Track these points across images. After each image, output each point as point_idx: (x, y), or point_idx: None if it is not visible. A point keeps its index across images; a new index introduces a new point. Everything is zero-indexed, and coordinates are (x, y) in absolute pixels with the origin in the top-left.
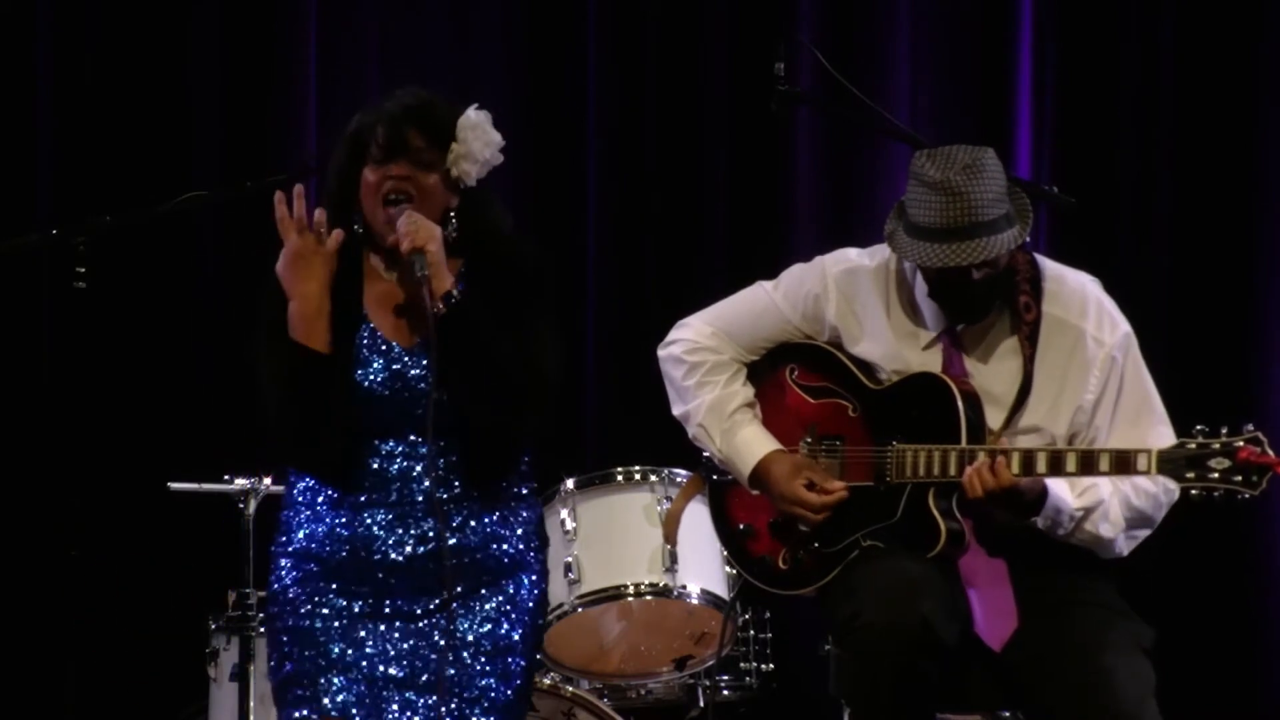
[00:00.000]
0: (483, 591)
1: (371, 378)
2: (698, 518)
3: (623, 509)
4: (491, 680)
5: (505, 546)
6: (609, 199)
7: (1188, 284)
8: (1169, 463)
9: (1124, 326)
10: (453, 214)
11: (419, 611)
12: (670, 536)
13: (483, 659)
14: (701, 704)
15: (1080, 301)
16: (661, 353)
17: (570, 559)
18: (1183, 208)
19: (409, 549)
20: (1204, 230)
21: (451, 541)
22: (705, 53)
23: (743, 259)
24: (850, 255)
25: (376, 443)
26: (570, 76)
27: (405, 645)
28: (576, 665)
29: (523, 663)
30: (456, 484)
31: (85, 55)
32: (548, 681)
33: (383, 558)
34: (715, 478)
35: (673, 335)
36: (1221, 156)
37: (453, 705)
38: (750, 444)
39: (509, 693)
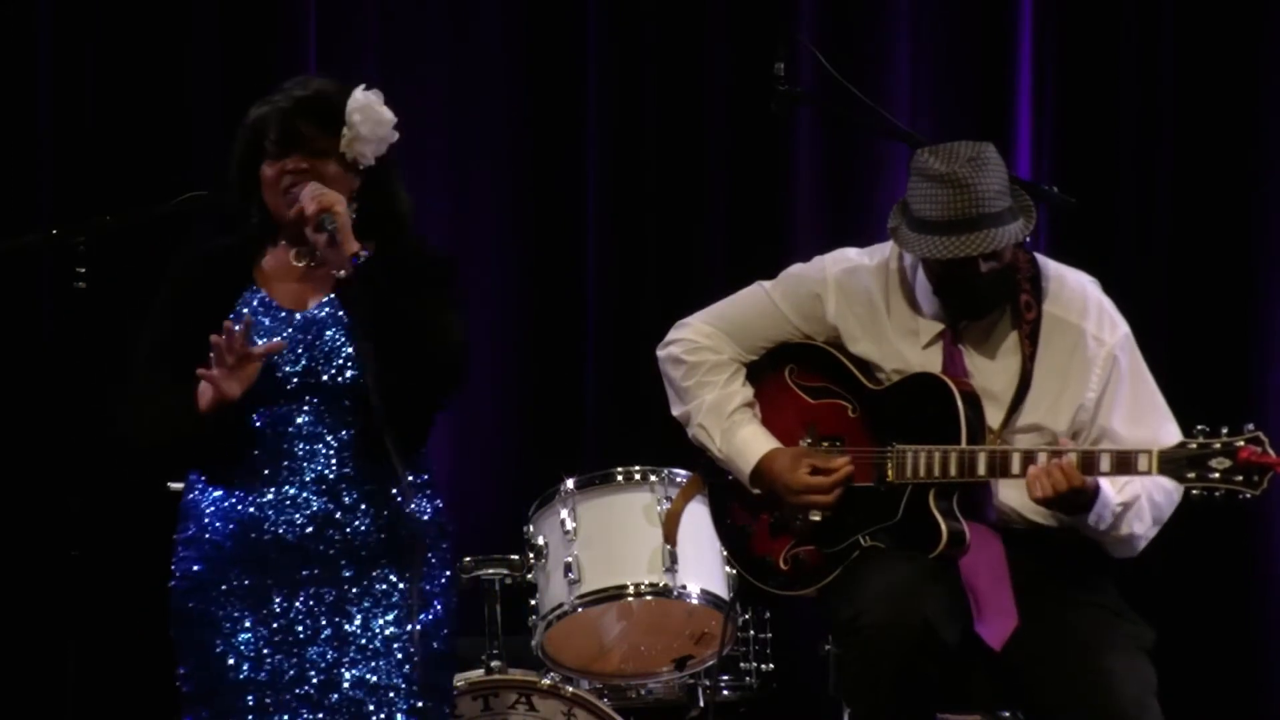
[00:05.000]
0: (379, 574)
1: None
2: (698, 518)
3: (623, 509)
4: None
5: (404, 533)
6: (609, 199)
7: (1188, 284)
8: (1170, 463)
9: (1123, 327)
10: (354, 198)
11: (309, 595)
12: (670, 537)
13: (395, 648)
14: (701, 704)
15: (1081, 301)
16: (660, 353)
17: (570, 559)
18: (1183, 208)
19: (300, 530)
20: (1204, 230)
21: (342, 520)
22: (705, 53)
23: (743, 259)
24: (850, 255)
25: (258, 430)
26: (570, 76)
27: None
28: (576, 665)
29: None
30: (349, 466)
31: (85, 55)
32: (547, 681)
33: (273, 537)
34: (714, 479)
35: (671, 335)
36: (1221, 157)
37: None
38: (750, 443)
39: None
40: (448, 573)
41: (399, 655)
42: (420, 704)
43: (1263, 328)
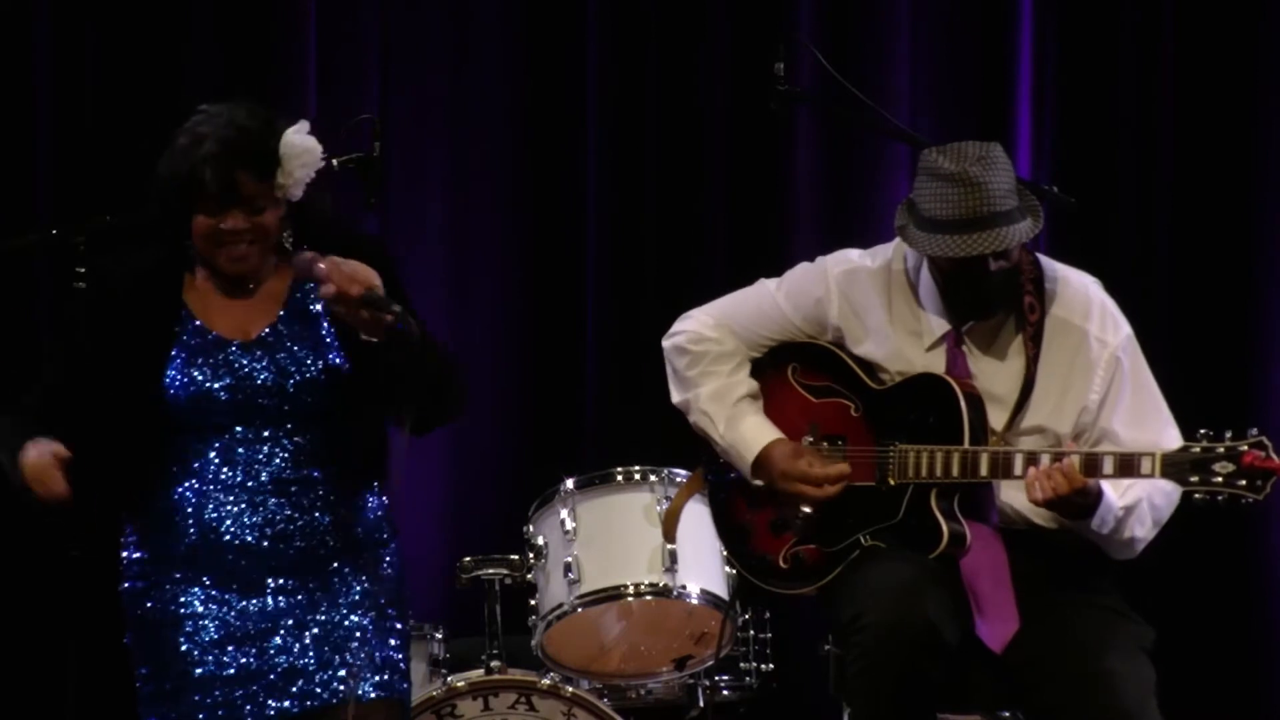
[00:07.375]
0: (337, 570)
1: (203, 379)
2: (698, 517)
3: (623, 509)
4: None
5: (359, 530)
6: (609, 199)
7: (1188, 284)
8: (1173, 466)
9: (1126, 328)
10: (284, 222)
11: (269, 592)
12: (669, 534)
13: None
14: (701, 704)
15: (1084, 303)
16: (666, 343)
17: (570, 559)
18: (1183, 208)
19: (259, 532)
20: (1204, 230)
21: (300, 522)
22: (705, 52)
23: (743, 259)
24: (852, 256)
25: (214, 436)
26: (570, 76)
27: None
28: (576, 665)
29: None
30: (305, 469)
31: (84, 55)
32: (547, 681)
33: (232, 538)
34: (715, 477)
35: (677, 326)
36: (1221, 157)
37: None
38: (754, 432)
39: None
40: (400, 564)
41: (355, 644)
42: (379, 677)
43: (1264, 328)
